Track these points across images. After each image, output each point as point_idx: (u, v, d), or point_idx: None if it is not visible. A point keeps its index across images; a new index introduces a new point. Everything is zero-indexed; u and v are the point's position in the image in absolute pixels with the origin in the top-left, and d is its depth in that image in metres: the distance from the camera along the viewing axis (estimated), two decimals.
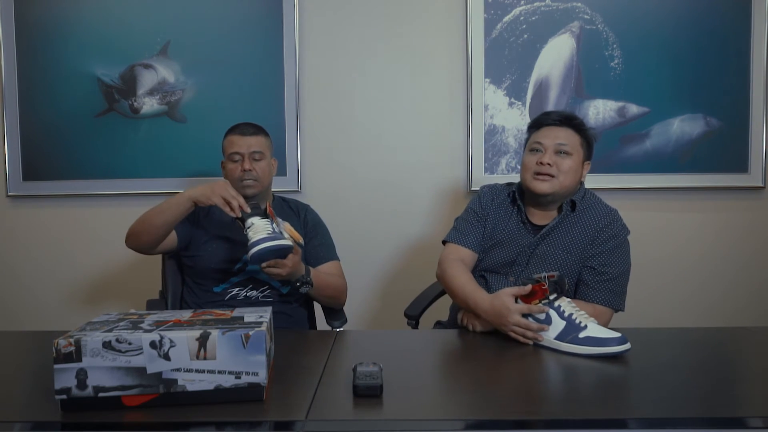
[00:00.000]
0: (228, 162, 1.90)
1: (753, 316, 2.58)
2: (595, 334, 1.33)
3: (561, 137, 1.69)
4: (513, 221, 1.75)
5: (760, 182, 2.55)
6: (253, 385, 1.03)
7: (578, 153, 1.71)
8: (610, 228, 1.69)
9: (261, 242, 1.61)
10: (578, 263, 1.68)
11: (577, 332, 1.34)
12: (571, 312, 1.38)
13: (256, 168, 1.87)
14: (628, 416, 1.00)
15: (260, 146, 1.91)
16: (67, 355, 0.99)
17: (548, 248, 1.69)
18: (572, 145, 1.69)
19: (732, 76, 2.52)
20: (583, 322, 1.36)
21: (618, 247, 1.68)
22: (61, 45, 2.54)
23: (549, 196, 1.69)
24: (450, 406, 1.08)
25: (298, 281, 1.75)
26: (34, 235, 2.63)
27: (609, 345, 1.30)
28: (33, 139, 2.56)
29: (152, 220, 1.78)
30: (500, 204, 1.79)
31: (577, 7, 2.52)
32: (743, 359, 1.41)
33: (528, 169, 1.71)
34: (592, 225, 1.69)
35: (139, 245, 1.84)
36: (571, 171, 1.68)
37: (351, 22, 2.56)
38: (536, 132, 1.75)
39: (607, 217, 1.71)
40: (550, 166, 1.66)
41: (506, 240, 1.73)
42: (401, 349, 1.46)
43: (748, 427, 0.98)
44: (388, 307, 2.59)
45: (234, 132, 1.93)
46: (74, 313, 2.62)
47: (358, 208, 2.60)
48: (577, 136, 1.71)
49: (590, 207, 1.73)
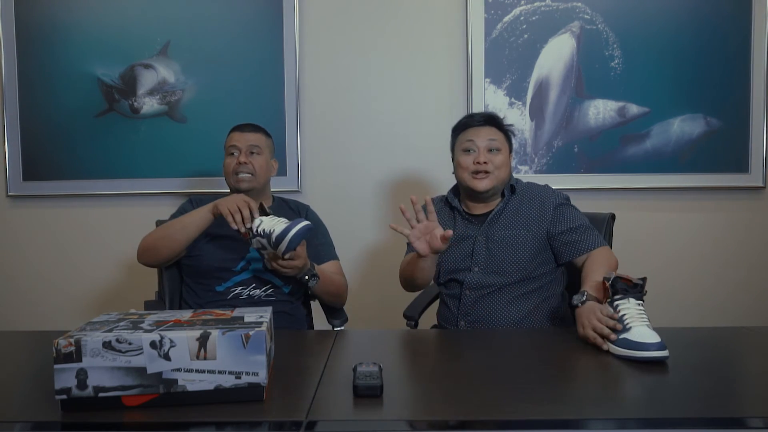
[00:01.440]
0: (226, 157, 1.92)
1: (753, 316, 2.58)
2: (634, 338, 1.29)
3: (490, 136, 1.81)
4: (458, 220, 1.87)
5: (760, 182, 2.55)
6: (253, 385, 1.03)
7: (505, 148, 1.83)
8: (553, 196, 1.81)
9: (291, 227, 1.60)
10: (539, 236, 1.76)
11: (619, 333, 1.32)
12: (624, 312, 1.36)
13: (253, 162, 1.88)
14: (628, 416, 1.00)
15: (258, 142, 1.92)
16: (67, 355, 0.99)
17: (504, 230, 1.78)
18: (500, 142, 1.82)
19: (732, 76, 2.52)
20: (630, 323, 1.33)
21: (568, 206, 1.81)
22: (61, 45, 2.54)
23: (489, 191, 1.80)
24: (450, 406, 1.07)
25: (306, 275, 1.75)
26: (34, 235, 2.63)
27: (645, 350, 1.26)
28: (33, 139, 2.57)
29: (174, 236, 1.77)
30: (440, 212, 1.89)
31: (577, 7, 2.52)
32: (743, 359, 1.41)
33: (465, 169, 1.80)
34: (536, 199, 1.81)
35: (158, 260, 1.82)
36: (504, 165, 1.80)
37: (351, 22, 2.56)
38: (463, 133, 1.84)
39: (545, 189, 1.84)
40: (486, 164, 1.77)
41: (457, 239, 1.81)
42: (401, 349, 1.45)
43: (748, 427, 0.97)
44: (387, 307, 2.59)
45: (234, 129, 1.96)
46: (74, 313, 2.62)
47: (358, 208, 2.60)
48: (501, 133, 1.84)
49: (526, 187, 1.86)
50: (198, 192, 2.52)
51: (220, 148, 1.99)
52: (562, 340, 1.50)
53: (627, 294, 1.39)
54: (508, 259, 1.74)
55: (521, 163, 2.57)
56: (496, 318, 1.73)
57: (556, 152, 2.56)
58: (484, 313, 1.75)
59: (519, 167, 2.57)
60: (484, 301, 1.75)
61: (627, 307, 1.37)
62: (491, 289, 1.74)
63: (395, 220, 2.60)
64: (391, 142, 2.58)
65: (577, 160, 2.56)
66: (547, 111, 2.56)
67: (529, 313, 1.73)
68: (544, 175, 2.53)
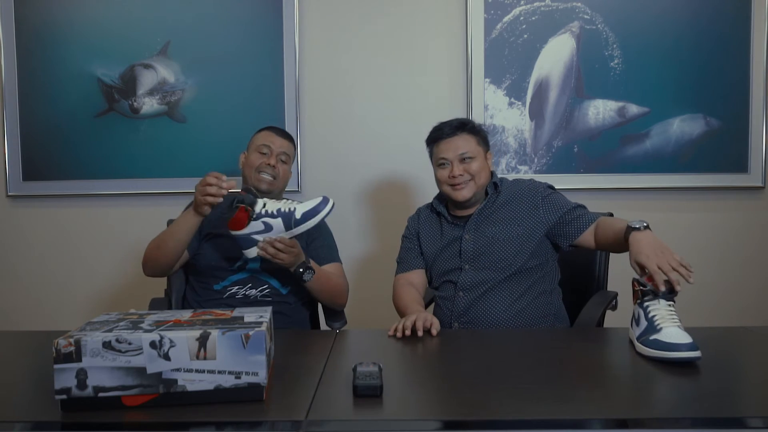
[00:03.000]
0: (254, 152, 1.93)
1: (753, 315, 2.58)
2: (665, 339, 1.27)
3: (461, 146, 1.79)
4: (444, 225, 1.87)
5: (760, 182, 2.55)
6: (253, 385, 1.03)
7: (479, 152, 1.81)
8: (540, 188, 1.81)
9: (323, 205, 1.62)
10: (531, 230, 1.76)
11: (650, 334, 1.31)
12: (655, 314, 1.34)
13: (279, 168, 1.92)
14: (628, 416, 1.00)
15: (289, 150, 1.97)
16: (67, 355, 0.99)
17: (494, 226, 1.78)
18: (472, 149, 1.80)
19: (732, 76, 2.52)
20: (660, 324, 1.31)
21: (555, 193, 1.82)
22: (61, 45, 2.54)
23: (471, 199, 1.80)
24: (450, 406, 1.07)
25: (301, 267, 1.72)
26: (34, 235, 2.63)
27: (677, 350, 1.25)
28: (33, 139, 2.57)
29: (167, 244, 1.77)
30: (426, 219, 1.93)
31: (577, 7, 2.52)
32: (743, 359, 1.41)
33: (443, 183, 1.82)
34: (525, 193, 1.81)
35: (161, 270, 1.83)
36: (481, 170, 1.80)
37: (351, 22, 2.56)
38: (436, 147, 1.85)
39: (530, 183, 1.84)
40: (461, 176, 1.77)
41: (446, 243, 1.83)
42: (401, 349, 1.46)
43: (748, 427, 0.97)
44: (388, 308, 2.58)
45: (270, 129, 1.98)
46: (74, 313, 2.62)
47: (358, 208, 2.60)
48: (472, 137, 1.82)
49: (512, 184, 1.86)
50: None
51: (220, 148, 2.00)
52: (561, 340, 1.50)
53: (657, 296, 1.37)
54: (498, 254, 1.74)
55: (521, 163, 2.57)
56: (490, 318, 1.72)
57: (555, 152, 2.56)
58: (477, 315, 1.74)
59: (519, 167, 2.57)
60: (478, 302, 1.74)
61: (657, 308, 1.35)
62: (485, 287, 1.74)
63: (395, 219, 2.60)
64: (390, 142, 2.58)
65: (577, 160, 2.56)
66: (546, 111, 2.56)
67: (522, 310, 1.73)
68: (544, 175, 2.53)
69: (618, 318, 1.96)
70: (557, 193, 1.83)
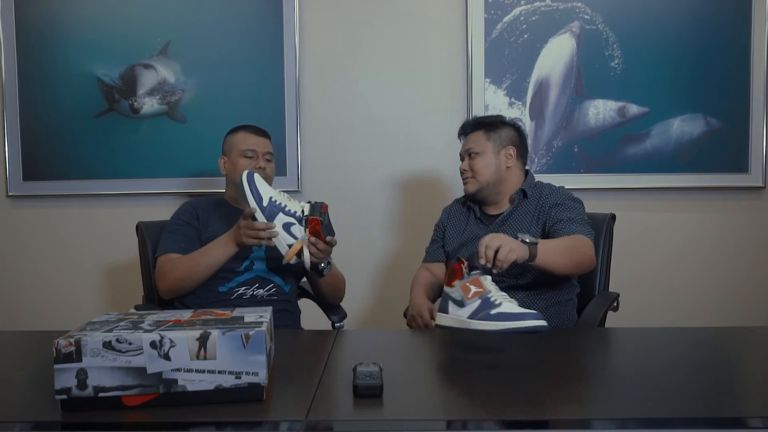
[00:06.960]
0: (239, 157, 1.92)
1: (754, 316, 2.58)
2: (508, 310, 1.25)
3: (469, 143, 1.90)
4: (471, 221, 1.94)
5: (760, 182, 2.55)
6: (253, 385, 1.03)
7: (487, 147, 1.87)
8: (555, 193, 1.83)
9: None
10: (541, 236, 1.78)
11: (489, 309, 1.27)
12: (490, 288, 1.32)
13: (267, 168, 1.93)
14: (628, 416, 1.00)
15: (271, 148, 1.98)
16: (67, 355, 0.99)
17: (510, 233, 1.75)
18: (478, 145, 1.87)
19: (732, 76, 2.52)
20: (498, 299, 1.29)
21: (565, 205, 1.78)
22: (61, 45, 2.54)
23: (477, 194, 1.88)
24: (450, 406, 1.07)
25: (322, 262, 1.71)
26: (34, 235, 2.63)
27: (523, 319, 1.23)
28: (33, 139, 2.56)
29: (200, 274, 1.77)
30: (455, 213, 2.00)
31: (577, 7, 2.52)
32: (744, 359, 1.41)
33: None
34: (543, 202, 1.83)
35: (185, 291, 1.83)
36: (485, 167, 1.86)
37: (351, 22, 2.56)
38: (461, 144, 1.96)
39: (549, 188, 1.87)
40: (465, 171, 1.89)
41: (469, 237, 1.89)
42: (401, 349, 1.46)
43: (748, 427, 0.97)
44: (387, 307, 2.59)
45: (247, 130, 1.96)
46: (74, 313, 2.61)
47: (358, 208, 2.60)
48: (482, 133, 1.88)
49: (541, 191, 1.86)
50: (198, 192, 2.52)
51: (220, 148, 1.99)
52: (562, 340, 1.50)
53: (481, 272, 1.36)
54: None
55: None
56: None
57: (556, 152, 2.56)
58: None
59: None
60: None
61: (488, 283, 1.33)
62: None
63: (394, 219, 2.61)
64: (390, 142, 2.58)
65: (577, 160, 2.56)
66: (547, 111, 2.56)
67: None
68: (543, 175, 2.52)
69: (619, 319, 1.97)
70: (565, 206, 1.78)
